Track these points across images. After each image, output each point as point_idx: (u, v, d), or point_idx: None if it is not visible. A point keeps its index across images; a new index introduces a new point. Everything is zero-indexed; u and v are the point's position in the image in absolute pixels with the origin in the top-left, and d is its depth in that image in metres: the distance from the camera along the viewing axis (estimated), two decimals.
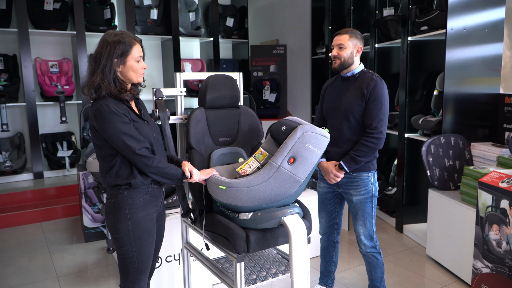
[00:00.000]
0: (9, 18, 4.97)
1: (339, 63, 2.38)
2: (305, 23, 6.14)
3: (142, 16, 5.61)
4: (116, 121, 1.73)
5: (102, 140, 1.78)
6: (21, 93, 5.10)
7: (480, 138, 3.52)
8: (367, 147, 2.30)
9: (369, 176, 2.41)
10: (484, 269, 2.60)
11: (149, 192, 1.88)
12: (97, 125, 1.75)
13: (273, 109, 6.32)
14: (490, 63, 3.48)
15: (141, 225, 1.85)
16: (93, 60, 1.79)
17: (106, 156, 1.82)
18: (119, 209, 1.82)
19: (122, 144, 1.74)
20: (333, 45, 2.40)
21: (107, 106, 1.73)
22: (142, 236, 1.86)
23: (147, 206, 1.88)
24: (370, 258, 2.50)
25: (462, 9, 3.30)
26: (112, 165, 1.81)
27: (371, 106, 2.30)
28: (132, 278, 1.89)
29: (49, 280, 3.10)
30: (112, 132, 1.73)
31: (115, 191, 1.83)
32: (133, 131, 1.77)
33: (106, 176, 1.84)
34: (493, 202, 2.51)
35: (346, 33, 2.37)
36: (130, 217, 1.83)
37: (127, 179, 1.81)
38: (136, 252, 1.85)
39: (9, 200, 4.47)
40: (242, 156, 2.28)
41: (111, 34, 1.79)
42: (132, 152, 1.74)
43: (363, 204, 2.42)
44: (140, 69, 1.84)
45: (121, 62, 1.79)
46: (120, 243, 1.85)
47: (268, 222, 1.91)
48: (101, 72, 1.75)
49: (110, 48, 1.75)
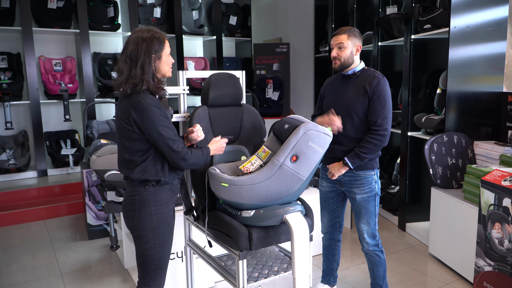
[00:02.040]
0: (13, 16, 4.99)
1: (339, 64, 2.37)
2: (308, 22, 6.14)
3: (145, 15, 5.62)
4: (157, 114, 1.75)
5: (138, 133, 1.78)
6: (25, 91, 5.12)
7: (483, 137, 3.52)
8: (372, 144, 2.29)
9: (373, 174, 2.41)
10: (487, 267, 2.60)
11: (171, 188, 1.91)
12: (137, 117, 1.75)
13: (276, 107, 6.32)
14: (493, 62, 3.47)
15: (165, 221, 1.88)
16: (128, 58, 1.77)
17: (137, 150, 1.81)
18: (145, 206, 1.83)
19: (161, 137, 1.75)
20: (333, 45, 2.38)
21: (150, 99, 1.75)
22: (165, 233, 1.88)
23: (169, 202, 1.91)
24: (372, 257, 2.50)
25: (466, 7, 3.29)
26: (142, 160, 1.81)
27: (375, 103, 2.30)
28: (153, 275, 1.90)
29: (53, 277, 3.12)
30: (153, 125, 1.74)
31: (140, 188, 1.84)
32: (171, 125, 1.79)
33: (133, 171, 1.82)
34: (496, 201, 2.51)
35: (344, 33, 2.34)
36: (156, 213, 1.84)
37: (157, 175, 1.82)
38: (158, 248, 1.87)
39: (13, 198, 4.50)
40: (244, 154, 2.29)
41: (143, 31, 1.80)
42: (170, 146, 1.76)
43: (367, 203, 2.42)
44: (170, 63, 1.88)
45: (158, 57, 1.81)
46: (143, 240, 1.86)
47: (270, 219, 1.91)
48: (140, 68, 1.76)
49: (146, 44, 1.77)
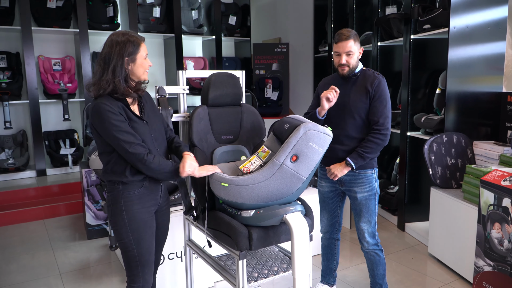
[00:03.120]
0: (12, 16, 4.98)
1: (348, 70, 2.37)
2: (308, 21, 6.14)
3: (144, 14, 5.61)
4: (111, 118, 1.77)
5: (99, 137, 1.84)
6: (24, 90, 5.11)
7: (483, 137, 3.52)
8: (375, 144, 2.31)
9: (373, 173, 2.44)
10: (486, 267, 2.61)
11: (144, 185, 1.92)
12: (94, 122, 1.81)
13: (275, 107, 6.31)
14: (493, 62, 3.47)
15: (137, 217, 1.90)
16: (101, 61, 1.82)
17: (103, 152, 1.89)
18: (115, 202, 1.89)
19: (116, 141, 1.79)
20: (340, 52, 2.35)
21: (104, 104, 1.78)
22: (139, 229, 1.90)
23: (143, 199, 1.92)
24: (372, 256, 2.51)
25: (465, 7, 3.30)
26: (108, 161, 1.88)
27: (377, 103, 2.33)
28: (135, 272, 1.93)
29: (52, 277, 3.11)
30: (108, 130, 1.78)
31: (111, 185, 1.90)
32: (128, 128, 1.81)
33: (103, 170, 1.92)
34: (495, 201, 2.51)
35: (350, 38, 2.33)
36: (125, 210, 1.88)
37: (120, 176, 1.86)
38: (135, 245, 1.90)
39: (12, 198, 4.49)
40: (244, 154, 2.29)
41: (118, 34, 1.84)
42: (126, 149, 1.79)
43: (368, 201, 2.43)
44: (147, 66, 1.90)
45: (131, 61, 1.84)
46: (119, 236, 1.91)
47: (270, 219, 1.91)
48: (111, 71, 1.80)
49: (120, 48, 1.80)
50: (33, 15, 5.02)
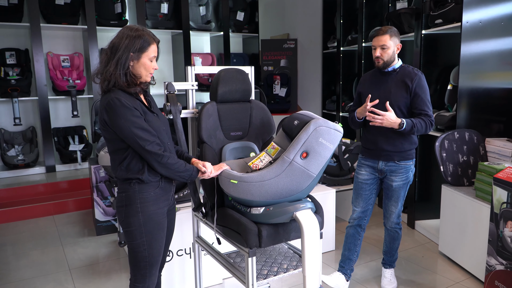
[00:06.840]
0: (21, 12, 5.00)
1: (382, 63, 2.53)
2: (316, 17, 6.09)
3: (152, 10, 5.61)
4: (127, 115, 1.73)
5: (113, 134, 1.78)
6: (33, 87, 5.14)
7: (495, 134, 3.46)
8: (425, 123, 2.46)
9: (411, 164, 2.62)
10: (498, 266, 2.57)
11: (159, 186, 1.88)
12: (108, 119, 1.75)
13: (283, 104, 6.29)
14: (506, 57, 3.41)
15: (152, 219, 1.85)
16: (109, 50, 1.78)
17: (117, 150, 1.82)
18: (130, 203, 1.83)
19: (133, 138, 1.74)
20: (375, 46, 2.52)
21: (118, 100, 1.73)
22: (153, 230, 1.86)
23: (158, 200, 1.88)
24: (393, 232, 2.78)
25: (478, 1, 3.24)
26: (123, 159, 1.81)
27: (422, 96, 2.49)
28: (143, 272, 1.89)
29: (61, 272, 3.13)
30: (124, 126, 1.72)
31: (126, 185, 1.83)
32: (144, 125, 1.76)
33: (117, 169, 1.84)
34: (509, 198, 2.47)
35: (386, 33, 2.48)
36: (141, 211, 1.83)
37: (137, 173, 1.81)
38: (147, 246, 1.86)
39: (22, 194, 4.52)
40: (253, 151, 2.27)
41: (132, 28, 1.80)
42: (143, 147, 1.74)
43: (401, 189, 2.63)
44: (151, 68, 1.84)
45: (136, 57, 1.79)
46: (131, 237, 1.85)
47: (280, 217, 1.89)
48: (115, 63, 1.75)
49: (129, 41, 1.76)
50: (42, 12, 5.03)
